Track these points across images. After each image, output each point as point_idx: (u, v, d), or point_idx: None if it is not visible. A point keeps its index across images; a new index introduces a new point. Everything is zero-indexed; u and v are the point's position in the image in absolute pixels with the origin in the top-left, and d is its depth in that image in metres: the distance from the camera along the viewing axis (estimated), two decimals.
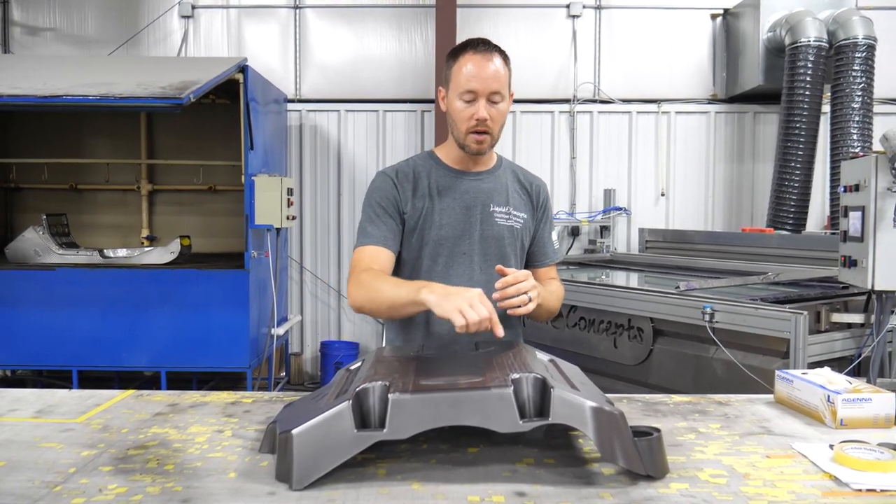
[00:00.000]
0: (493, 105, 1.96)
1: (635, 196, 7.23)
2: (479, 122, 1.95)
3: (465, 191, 2.08)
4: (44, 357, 5.59)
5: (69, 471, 1.37)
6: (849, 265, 3.76)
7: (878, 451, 1.38)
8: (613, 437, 1.29)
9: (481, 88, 1.94)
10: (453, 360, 1.70)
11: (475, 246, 2.06)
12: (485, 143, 2.00)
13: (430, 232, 2.04)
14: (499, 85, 1.95)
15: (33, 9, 7.29)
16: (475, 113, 1.95)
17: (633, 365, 4.26)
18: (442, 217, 2.04)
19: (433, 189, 2.06)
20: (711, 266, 5.31)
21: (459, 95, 1.96)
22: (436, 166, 2.11)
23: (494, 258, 2.07)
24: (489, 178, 2.11)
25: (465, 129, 1.98)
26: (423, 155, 2.17)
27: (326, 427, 1.31)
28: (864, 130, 5.84)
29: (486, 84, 1.94)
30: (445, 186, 2.07)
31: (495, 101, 1.96)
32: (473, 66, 1.94)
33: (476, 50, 1.97)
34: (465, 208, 2.06)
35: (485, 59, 1.95)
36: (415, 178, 2.07)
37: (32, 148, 6.89)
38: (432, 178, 2.08)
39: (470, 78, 1.94)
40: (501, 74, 1.96)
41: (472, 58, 1.95)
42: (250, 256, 5.56)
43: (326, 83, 7.26)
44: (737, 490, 1.29)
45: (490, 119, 1.96)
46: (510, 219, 2.10)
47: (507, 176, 2.16)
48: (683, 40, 7.21)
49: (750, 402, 1.91)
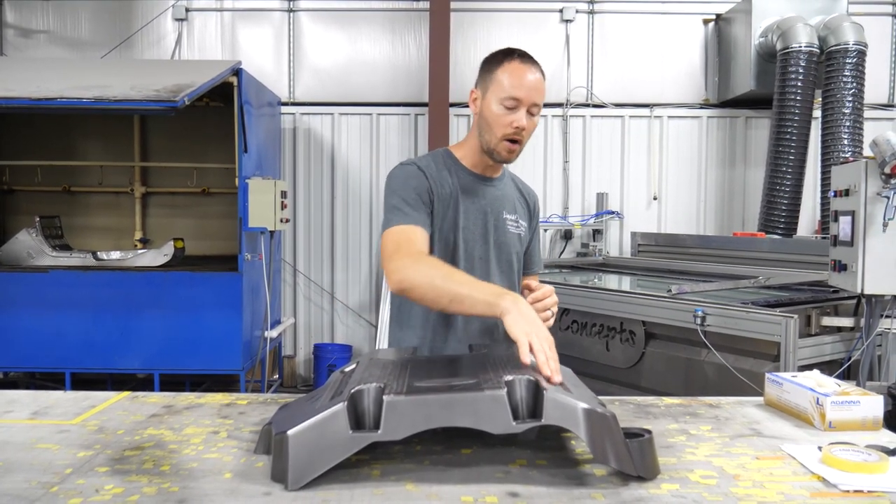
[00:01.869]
0: (530, 116, 1.94)
1: (628, 200, 7.26)
2: (516, 130, 1.93)
3: (483, 195, 2.06)
4: (37, 359, 5.57)
5: (66, 472, 1.38)
6: (839, 269, 3.79)
7: (866, 453, 1.40)
8: (605, 438, 1.31)
9: (525, 97, 1.91)
10: (447, 362, 1.72)
11: (491, 252, 2.06)
12: (514, 153, 1.98)
13: (453, 233, 2.01)
14: (540, 97, 1.94)
15: (27, 11, 7.27)
16: (515, 121, 1.92)
17: (625, 368, 4.28)
18: (466, 219, 2.02)
19: (456, 189, 2.03)
20: (703, 270, 5.34)
21: (501, 101, 1.92)
22: (456, 167, 2.07)
23: (505, 265, 2.09)
24: (501, 185, 2.12)
25: (501, 135, 1.95)
26: (443, 153, 2.11)
27: (321, 428, 1.32)
28: (855, 136, 5.88)
29: (531, 94, 1.92)
30: (467, 189, 2.04)
31: (533, 112, 1.95)
32: (520, 75, 1.92)
33: (522, 59, 1.95)
34: (482, 213, 2.05)
35: (530, 70, 1.94)
36: (440, 176, 2.03)
37: (26, 150, 6.87)
38: (455, 178, 2.04)
39: (516, 85, 1.91)
40: (542, 88, 1.96)
41: (519, 66, 1.93)
42: (244, 259, 5.57)
43: (320, 86, 7.26)
44: (727, 491, 1.30)
45: (526, 130, 1.94)
46: (518, 227, 2.12)
47: (510, 185, 2.18)
48: (676, 45, 7.24)
49: (740, 404, 1.93)
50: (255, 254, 5.79)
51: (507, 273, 2.09)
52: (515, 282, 2.13)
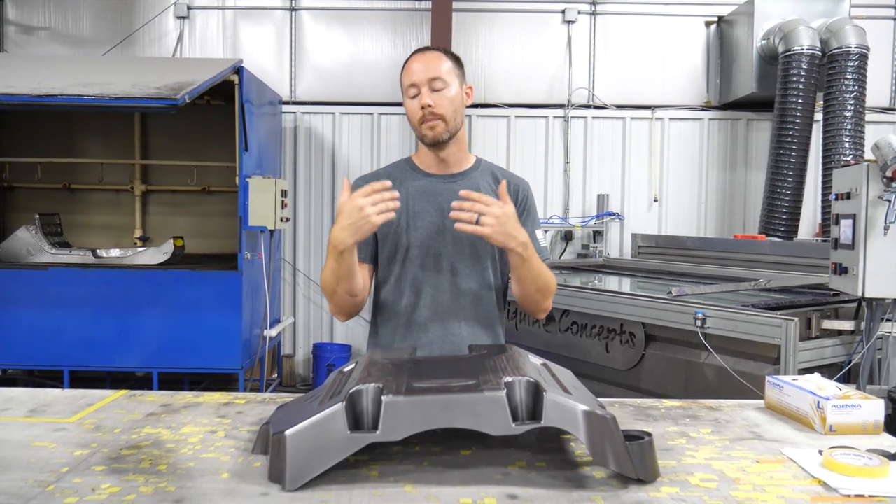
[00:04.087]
0: (435, 92, 2.02)
1: (628, 201, 7.25)
2: (423, 108, 2.01)
3: (439, 193, 2.08)
4: (35, 357, 5.57)
5: (62, 470, 1.37)
6: (840, 272, 3.78)
7: (867, 457, 1.40)
8: (605, 440, 1.30)
9: (419, 79, 2.02)
10: (446, 363, 1.71)
11: (448, 247, 2.06)
12: (438, 128, 2.03)
13: (403, 236, 2.07)
14: (436, 72, 2.03)
15: (28, 8, 7.27)
16: (419, 104, 2.02)
17: (625, 370, 4.27)
18: (416, 221, 2.06)
19: (407, 194, 2.08)
20: (703, 272, 5.34)
21: (405, 93, 2.06)
22: (410, 171, 2.15)
23: (469, 259, 2.08)
24: (463, 179, 2.12)
25: (416, 121, 2.05)
26: (401, 161, 2.22)
27: (320, 428, 1.31)
28: (856, 139, 5.88)
29: (422, 73, 2.03)
30: (419, 190, 2.09)
31: (437, 87, 2.02)
32: (409, 66, 2.07)
33: (414, 52, 2.11)
34: (438, 211, 2.07)
35: (420, 55, 2.08)
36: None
37: (26, 147, 6.86)
38: (405, 183, 2.10)
39: (408, 75, 2.05)
40: (437, 63, 2.05)
41: (409, 62, 2.08)
42: (243, 258, 5.56)
43: (321, 85, 7.26)
44: (727, 494, 1.30)
45: (434, 105, 2.01)
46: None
47: (483, 177, 2.16)
48: (678, 47, 7.24)
49: (740, 407, 1.93)
50: (255, 253, 5.78)
51: (477, 265, 2.08)
52: (495, 272, 2.13)
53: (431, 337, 2.06)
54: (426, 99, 2.00)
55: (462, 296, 2.07)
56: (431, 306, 2.07)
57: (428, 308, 2.07)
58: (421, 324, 2.07)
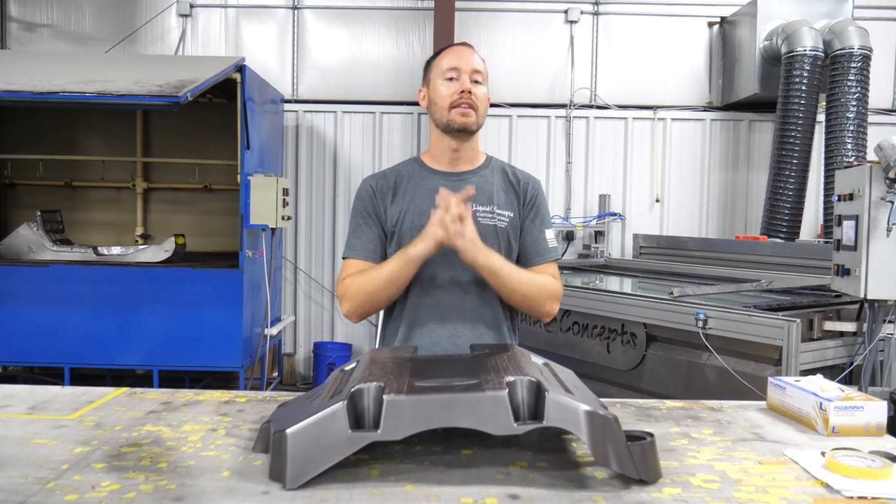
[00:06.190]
0: (476, 84, 2.03)
1: (630, 202, 7.25)
2: (462, 94, 2.00)
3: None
4: (36, 354, 5.57)
5: (62, 467, 1.37)
6: (842, 274, 3.78)
7: (870, 459, 1.39)
8: (607, 441, 1.30)
9: (464, 66, 2.03)
10: (448, 362, 1.70)
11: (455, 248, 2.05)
12: (470, 117, 2.03)
13: (410, 233, 2.03)
14: (479, 66, 2.06)
15: (30, 5, 7.27)
16: (459, 87, 2.01)
17: (626, 370, 4.27)
18: (422, 219, 2.01)
19: (415, 193, 2.07)
20: (705, 273, 5.33)
21: (443, 75, 2.04)
22: (419, 170, 2.13)
23: None
24: (473, 177, 2.10)
25: (448, 104, 2.03)
26: (410, 160, 2.20)
27: (321, 427, 1.31)
28: (859, 140, 5.87)
29: (469, 62, 2.04)
30: (427, 189, 2.06)
31: (478, 80, 2.04)
32: (455, 51, 2.07)
33: (456, 45, 2.12)
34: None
35: (465, 48, 2.09)
36: (395, 185, 2.11)
37: (27, 144, 6.87)
38: (414, 182, 2.10)
39: (453, 59, 2.05)
40: (478, 59, 2.08)
41: (453, 49, 2.09)
42: (245, 256, 5.56)
43: (323, 84, 7.26)
44: (729, 495, 1.29)
45: (475, 95, 2.01)
46: (494, 217, 2.07)
47: (494, 175, 2.14)
48: (680, 47, 7.24)
49: (742, 408, 1.92)
50: (257, 251, 5.78)
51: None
52: None
53: (437, 337, 2.05)
54: (468, 84, 2.01)
55: (468, 296, 2.06)
56: (437, 306, 2.05)
57: (434, 308, 2.05)
58: (427, 324, 2.06)
